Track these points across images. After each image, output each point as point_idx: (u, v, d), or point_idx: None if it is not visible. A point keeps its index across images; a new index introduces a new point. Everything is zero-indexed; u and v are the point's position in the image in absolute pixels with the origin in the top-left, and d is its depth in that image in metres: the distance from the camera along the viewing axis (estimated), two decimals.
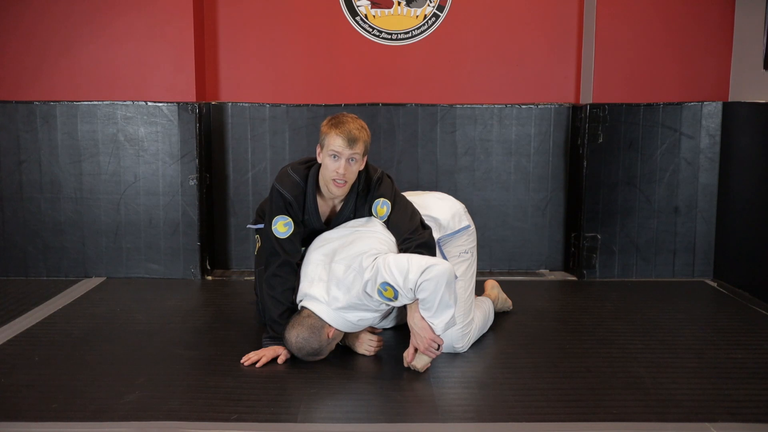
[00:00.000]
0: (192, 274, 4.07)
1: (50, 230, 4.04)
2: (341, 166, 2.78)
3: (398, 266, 2.61)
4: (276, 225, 2.88)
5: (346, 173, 2.80)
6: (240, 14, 4.15)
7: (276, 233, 2.88)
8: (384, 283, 2.62)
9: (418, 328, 2.69)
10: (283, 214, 2.89)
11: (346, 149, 2.77)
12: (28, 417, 2.33)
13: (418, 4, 4.16)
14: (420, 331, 2.69)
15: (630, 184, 4.06)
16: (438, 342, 2.70)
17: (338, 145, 2.77)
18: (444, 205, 3.07)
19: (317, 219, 2.94)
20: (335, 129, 2.79)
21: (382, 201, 2.92)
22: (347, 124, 2.81)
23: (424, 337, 2.68)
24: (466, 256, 3.02)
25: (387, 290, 2.63)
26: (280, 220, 2.89)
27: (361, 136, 2.80)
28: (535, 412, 2.39)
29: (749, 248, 3.77)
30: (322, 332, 2.73)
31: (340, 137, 2.77)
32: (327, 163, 2.82)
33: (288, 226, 2.89)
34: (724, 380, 2.65)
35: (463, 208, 3.11)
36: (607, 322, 3.33)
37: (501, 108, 4.19)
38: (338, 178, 2.80)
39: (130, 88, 3.97)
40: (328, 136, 2.80)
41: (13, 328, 3.18)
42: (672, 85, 4.03)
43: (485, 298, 3.26)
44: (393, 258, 2.66)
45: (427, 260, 2.64)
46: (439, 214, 3.01)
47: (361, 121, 2.87)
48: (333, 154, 2.78)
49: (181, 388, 2.57)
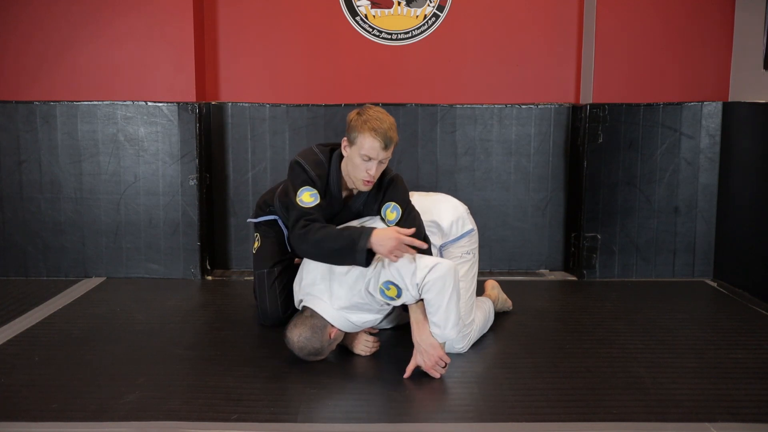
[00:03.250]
0: (192, 274, 4.07)
1: (50, 230, 4.04)
2: (373, 168, 2.69)
3: (404, 263, 2.60)
4: (302, 196, 2.74)
5: (375, 175, 2.72)
6: (240, 14, 4.15)
7: (302, 203, 2.73)
8: (387, 282, 2.61)
9: (427, 345, 2.61)
10: (308, 186, 2.75)
11: (381, 152, 2.67)
12: (28, 417, 2.33)
13: (418, 4, 4.16)
14: (429, 349, 2.61)
15: (630, 184, 4.06)
16: (445, 360, 2.64)
17: (375, 147, 2.65)
18: (447, 209, 3.05)
19: (338, 202, 2.85)
20: (372, 131, 2.64)
21: (393, 205, 2.83)
22: (383, 123, 2.65)
23: (432, 354, 2.61)
24: (468, 257, 3.02)
25: (390, 289, 2.62)
26: (306, 191, 2.75)
27: (394, 137, 2.69)
28: (535, 412, 2.39)
29: (749, 248, 3.77)
30: (324, 332, 2.73)
31: (377, 140, 2.64)
32: (357, 163, 2.70)
33: (314, 197, 2.75)
34: (724, 380, 2.65)
35: (466, 211, 3.10)
36: (607, 322, 3.33)
37: (501, 108, 4.19)
38: (369, 179, 2.72)
39: (130, 88, 3.98)
40: (362, 135, 2.66)
41: (13, 328, 3.18)
42: (672, 85, 4.03)
43: (485, 298, 3.26)
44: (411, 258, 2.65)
45: (434, 259, 2.64)
46: (443, 220, 2.99)
47: (391, 118, 2.73)
48: (366, 157, 2.67)
49: (181, 388, 2.57)
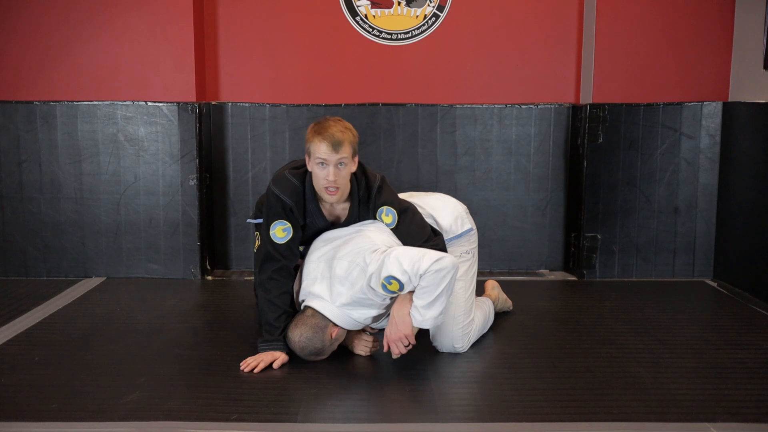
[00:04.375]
0: (192, 274, 4.07)
1: (50, 230, 4.04)
2: (330, 173, 2.70)
3: (410, 256, 2.61)
4: (274, 230, 2.82)
5: (336, 179, 2.72)
6: (240, 14, 4.15)
7: (274, 238, 2.81)
8: (389, 277, 2.61)
9: (400, 319, 2.68)
10: (282, 219, 2.82)
11: (333, 155, 2.68)
12: (28, 417, 2.33)
13: (418, 4, 4.16)
14: (400, 324, 2.68)
15: (630, 184, 4.06)
16: (410, 341, 2.70)
17: (323, 151, 2.68)
18: (446, 208, 3.05)
19: (322, 219, 2.88)
20: (318, 135, 2.70)
21: (386, 209, 2.85)
22: (330, 128, 2.71)
23: (401, 330, 2.68)
24: (467, 256, 3.01)
25: (392, 284, 2.63)
26: (279, 225, 2.82)
27: (345, 138, 2.71)
28: (535, 412, 2.39)
29: (749, 248, 3.77)
30: (326, 332, 2.72)
31: (324, 143, 2.68)
32: (316, 172, 2.74)
33: (287, 232, 2.82)
34: (724, 380, 2.64)
35: (465, 210, 3.09)
36: (607, 322, 3.33)
37: (501, 108, 4.19)
38: (330, 185, 2.72)
39: (130, 88, 3.98)
40: (312, 143, 2.71)
41: (13, 328, 3.18)
42: (672, 85, 4.03)
43: (485, 298, 3.26)
44: (402, 249, 2.67)
45: (440, 253, 2.67)
46: (442, 219, 2.99)
47: (345, 123, 2.77)
48: (320, 162, 2.70)
49: (181, 388, 2.57)
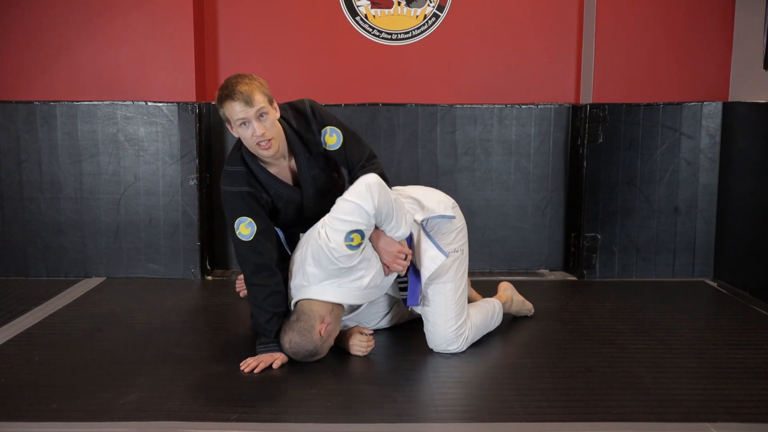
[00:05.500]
0: (192, 274, 4.06)
1: (50, 230, 4.04)
2: (255, 128, 2.62)
3: (340, 207, 2.59)
4: (239, 229, 2.76)
5: (264, 132, 2.62)
6: (240, 14, 4.15)
7: (241, 237, 2.75)
8: (348, 234, 2.57)
9: (384, 244, 2.70)
10: (241, 216, 2.75)
11: (248, 109, 2.58)
12: (28, 417, 2.33)
13: (418, 4, 4.15)
14: (387, 246, 2.70)
15: (630, 184, 4.06)
16: (405, 252, 2.72)
17: (238, 111, 2.58)
18: (430, 194, 3.01)
19: (283, 185, 2.81)
20: (227, 99, 2.59)
21: (330, 129, 2.82)
22: (234, 86, 2.59)
23: (390, 251, 2.70)
24: (457, 254, 2.92)
25: (353, 238, 2.59)
26: (241, 223, 2.76)
27: (253, 88, 2.60)
28: (535, 412, 2.39)
29: (749, 248, 3.77)
30: (313, 332, 2.69)
31: (234, 102, 2.58)
32: (243, 134, 2.64)
33: (250, 227, 2.76)
34: (724, 380, 2.64)
35: (453, 203, 3.01)
36: (607, 322, 3.33)
37: (501, 108, 4.19)
38: (260, 140, 2.63)
39: (130, 88, 3.97)
40: (225, 108, 2.62)
41: (13, 328, 3.18)
42: (672, 85, 4.03)
43: (493, 299, 3.20)
44: (331, 211, 2.63)
45: (358, 181, 2.63)
46: (423, 198, 2.94)
47: (248, 75, 2.66)
48: (241, 122, 2.61)
49: (181, 388, 2.57)
